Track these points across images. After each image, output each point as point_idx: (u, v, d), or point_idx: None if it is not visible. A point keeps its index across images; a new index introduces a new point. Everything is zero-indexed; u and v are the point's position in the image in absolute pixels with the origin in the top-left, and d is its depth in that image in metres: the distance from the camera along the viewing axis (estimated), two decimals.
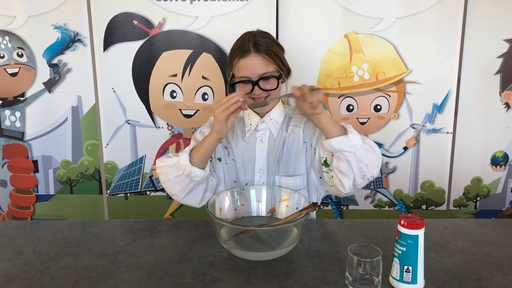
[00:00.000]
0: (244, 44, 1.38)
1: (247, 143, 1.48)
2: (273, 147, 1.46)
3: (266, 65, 1.37)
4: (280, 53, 1.42)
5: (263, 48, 1.36)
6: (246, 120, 1.50)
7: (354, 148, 1.22)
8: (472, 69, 1.91)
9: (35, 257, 1.17)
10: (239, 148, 1.49)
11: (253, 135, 1.48)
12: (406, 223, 0.97)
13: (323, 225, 1.34)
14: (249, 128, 1.48)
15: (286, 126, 1.48)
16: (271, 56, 1.37)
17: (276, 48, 1.41)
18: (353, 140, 1.22)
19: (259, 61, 1.36)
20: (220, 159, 1.50)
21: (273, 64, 1.38)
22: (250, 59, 1.36)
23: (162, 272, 1.09)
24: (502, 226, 1.31)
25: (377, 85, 1.94)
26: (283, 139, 1.46)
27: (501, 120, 1.96)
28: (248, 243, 1.16)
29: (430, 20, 1.86)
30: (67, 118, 2.07)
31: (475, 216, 2.08)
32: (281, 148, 1.46)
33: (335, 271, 1.07)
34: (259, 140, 1.47)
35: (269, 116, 1.47)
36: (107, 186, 2.13)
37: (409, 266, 0.97)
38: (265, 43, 1.38)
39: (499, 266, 1.09)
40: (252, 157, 1.47)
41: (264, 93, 1.39)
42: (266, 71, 1.37)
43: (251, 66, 1.36)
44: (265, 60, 1.36)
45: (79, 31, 1.97)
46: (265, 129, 1.47)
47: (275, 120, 1.47)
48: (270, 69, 1.37)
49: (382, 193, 2.06)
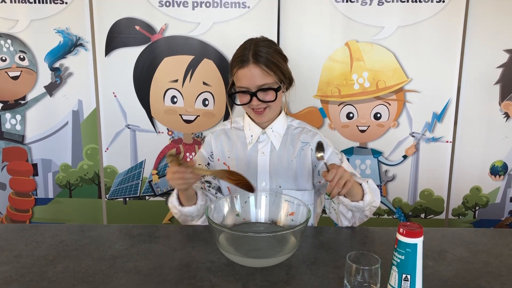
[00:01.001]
0: (244, 53, 1.36)
1: (248, 155, 1.47)
2: (276, 160, 1.45)
3: (264, 76, 1.35)
4: (281, 63, 1.39)
5: (263, 59, 1.34)
6: (247, 131, 1.48)
7: (364, 207, 1.33)
8: (472, 79, 1.92)
9: (33, 261, 1.17)
10: (239, 161, 1.48)
11: (255, 147, 1.47)
12: (405, 232, 0.96)
13: (322, 233, 1.34)
14: (251, 140, 1.47)
15: (293, 138, 1.47)
16: (270, 67, 1.35)
17: (278, 58, 1.38)
18: (366, 201, 1.32)
19: (258, 72, 1.34)
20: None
21: (273, 75, 1.35)
22: (248, 70, 1.34)
23: (160, 277, 1.08)
24: (501, 236, 1.31)
25: (377, 93, 1.95)
26: (290, 152, 1.45)
27: (500, 130, 1.96)
28: (247, 250, 1.16)
29: (430, 29, 1.88)
30: (67, 122, 2.07)
31: (474, 225, 2.08)
32: (289, 161, 1.45)
33: (333, 279, 1.07)
34: (261, 153, 1.46)
35: (271, 128, 1.46)
36: (106, 191, 2.13)
37: (408, 274, 0.97)
38: (265, 53, 1.35)
39: (498, 275, 1.09)
40: (254, 171, 1.46)
41: (263, 104, 1.38)
42: (264, 82, 1.35)
43: (249, 77, 1.35)
44: (263, 72, 1.34)
45: (81, 35, 1.98)
46: (267, 141, 1.46)
47: (277, 132, 1.46)
48: (269, 80, 1.35)
49: (381, 201, 2.06)
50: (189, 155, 2.08)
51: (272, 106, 1.39)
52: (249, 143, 1.47)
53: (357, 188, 1.31)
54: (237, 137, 1.50)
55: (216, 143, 1.52)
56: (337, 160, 1.45)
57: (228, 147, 1.50)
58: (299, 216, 1.27)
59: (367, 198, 1.31)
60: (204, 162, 1.53)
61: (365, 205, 1.32)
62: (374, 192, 1.38)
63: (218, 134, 1.53)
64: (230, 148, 1.49)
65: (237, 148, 1.48)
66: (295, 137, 1.47)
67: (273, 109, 1.41)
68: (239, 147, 1.48)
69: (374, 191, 1.38)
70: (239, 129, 1.51)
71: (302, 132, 1.48)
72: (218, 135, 1.52)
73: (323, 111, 1.99)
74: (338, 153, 1.48)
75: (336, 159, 1.45)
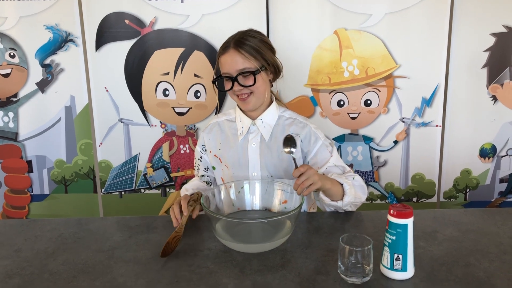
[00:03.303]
0: (228, 40, 1.41)
1: (239, 147, 1.49)
2: (266, 151, 1.47)
3: (244, 61, 1.37)
4: (264, 51, 1.40)
5: (244, 45, 1.37)
6: (238, 123, 1.50)
7: (343, 207, 1.37)
8: (460, 63, 1.95)
9: (34, 254, 1.18)
10: (231, 153, 1.50)
11: (246, 138, 1.49)
12: (395, 213, 0.99)
13: (316, 218, 1.37)
14: (241, 132, 1.49)
15: (283, 129, 1.48)
16: (251, 52, 1.37)
17: (261, 46, 1.40)
18: (345, 202, 1.35)
19: (238, 57, 1.37)
20: (215, 168, 1.54)
21: (253, 60, 1.38)
22: (229, 55, 1.38)
23: (158, 265, 1.11)
24: (489, 215, 1.35)
25: (367, 80, 1.97)
26: (279, 143, 1.45)
27: (488, 113, 2.00)
28: (243, 236, 1.19)
29: (418, 15, 1.90)
30: (60, 118, 2.08)
31: (465, 207, 2.12)
32: (280, 152, 1.46)
33: (327, 261, 1.10)
34: (251, 144, 1.48)
35: (260, 120, 1.47)
36: (102, 185, 2.14)
37: (399, 254, 1.00)
38: (248, 41, 1.38)
39: (486, 253, 1.13)
40: (245, 161, 1.48)
41: (245, 90, 1.39)
42: (244, 66, 1.37)
43: (229, 62, 1.38)
44: (243, 56, 1.37)
45: (71, 31, 1.98)
46: (257, 132, 1.48)
47: (267, 124, 1.48)
48: (249, 65, 1.38)
49: (373, 187, 2.10)
50: (183, 147, 2.10)
51: (256, 93, 1.41)
52: (240, 135, 1.49)
53: (336, 188, 1.33)
54: (229, 129, 1.52)
55: (209, 136, 1.55)
56: (327, 153, 1.46)
57: (220, 140, 1.52)
58: (292, 204, 1.30)
59: (346, 199, 1.34)
60: (197, 156, 1.59)
61: (343, 205, 1.35)
62: (360, 189, 1.40)
63: (211, 127, 1.56)
64: (222, 141, 1.52)
65: (229, 140, 1.51)
66: (286, 128, 1.48)
67: (257, 96, 1.42)
68: (231, 139, 1.51)
69: (359, 188, 1.40)
70: (231, 121, 1.53)
71: (293, 123, 1.49)
72: (212, 128, 1.55)
73: (314, 99, 2.01)
74: (329, 145, 1.48)
75: (326, 151, 1.46)
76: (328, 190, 1.31)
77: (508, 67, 1.94)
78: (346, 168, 1.47)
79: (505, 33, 1.90)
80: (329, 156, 1.45)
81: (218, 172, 1.54)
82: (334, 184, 1.32)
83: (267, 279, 1.03)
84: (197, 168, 1.60)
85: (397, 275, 1.01)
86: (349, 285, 0.99)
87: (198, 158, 1.58)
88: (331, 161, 1.45)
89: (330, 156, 1.46)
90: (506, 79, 1.95)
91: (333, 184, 1.32)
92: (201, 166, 1.58)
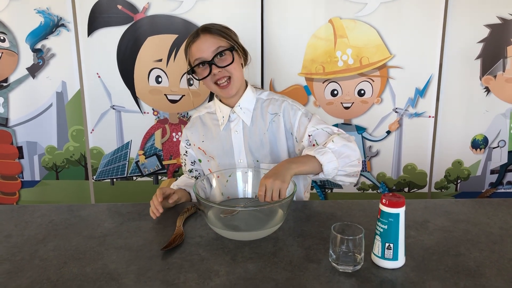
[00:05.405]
0: (195, 31, 1.41)
1: (222, 136, 1.50)
2: (250, 136, 1.48)
3: (216, 40, 1.38)
4: (231, 33, 1.43)
5: (212, 28, 1.39)
6: (218, 113, 1.51)
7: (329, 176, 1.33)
8: (454, 54, 1.95)
9: (24, 240, 1.18)
10: (214, 143, 1.51)
11: (228, 127, 1.49)
12: (388, 202, 1.00)
13: (308, 206, 1.37)
14: (223, 121, 1.49)
15: (262, 111, 1.48)
16: (220, 33, 1.39)
17: (226, 30, 1.43)
18: (327, 171, 1.30)
19: (210, 40, 1.38)
20: (201, 160, 1.55)
21: (224, 40, 1.39)
22: (200, 41, 1.38)
23: (150, 253, 1.10)
24: (480, 205, 1.36)
25: (361, 70, 1.97)
26: (262, 126, 1.47)
27: (481, 104, 2.00)
28: (235, 224, 1.18)
29: (412, 5, 1.89)
30: (51, 104, 2.06)
31: (455, 198, 2.13)
32: (262, 135, 1.47)
33: (319, 250, 1.10)
34: (234, 131, 1.48)
35: (239, 106, 1.47)
36: (93, 172, 2.13)
37: (390, 243, 1.01)
38: (214, 26, 1.41)
39: (476, 242, 1.13)
40: (230, 149, 1.49)
41: (225, 72, 1.39)
42: (218, 45, 1.38)
43: (202, 46, 1.38)
44: (215, 37, 1.38)
45: (62, 15, 1.96)
46: (238, 119, 1.48)
47: (246, 108, 1.48)
48: (222, 43, 1.39)
49: (365, 176, 2.11)
50: (175, 135, 2.08)
51: (234, 76, 1.40)
52: (221, 124, 1.49)
53: (311, 163, 1.29)
54: (211, 121, 1.53)
55: (191, 130, 1.56)
56: (306, 120, 1.43)
57: (203, 132, 1.53)
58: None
59: (326, 168, 1.29)
60: (182, 152, 1.60)
61: (327, 174, 1.31)
62: (344, 149, 1.33)
63: (193, 122, 1.57)
64: (204, 133, 1.53)
65: (212, 131, 1.52)
66: (264, 110, 1.48)
67: (236, 79, 1.41)
68: (213, 130, 1.51)
69: (343, 148, 1.32)
70: (212, 113, 1.54)
71: (270, 103, 1.49)
72: (194, 122, 1.57)
73: (308, 88, 2.00)
74: (308, 113, 1.46)
75: (305, 120, 1.44)
76: (303, 171, 1.28)
77: (502, 58, 1.94)
78: (333, 129, 1.42)
79: (499, 25, 1.90)
80: (307, 122, 1.43)
81: (205, 164, 1.56)
82: (307, 162, 1.28)
83: (259, 267, 1.03)
84: (184, 163, 1.61)
85: (388, 264, 1.02)
86: (340, 273, 1.00)
87: (184, 153, 1.59)
88: (309, 126, 1.41)
89: (309, 122, 1.43)
90: (499, 71, 1.96)
91: (305, 163, 1.28)
92: (187, 160, 1.59)
